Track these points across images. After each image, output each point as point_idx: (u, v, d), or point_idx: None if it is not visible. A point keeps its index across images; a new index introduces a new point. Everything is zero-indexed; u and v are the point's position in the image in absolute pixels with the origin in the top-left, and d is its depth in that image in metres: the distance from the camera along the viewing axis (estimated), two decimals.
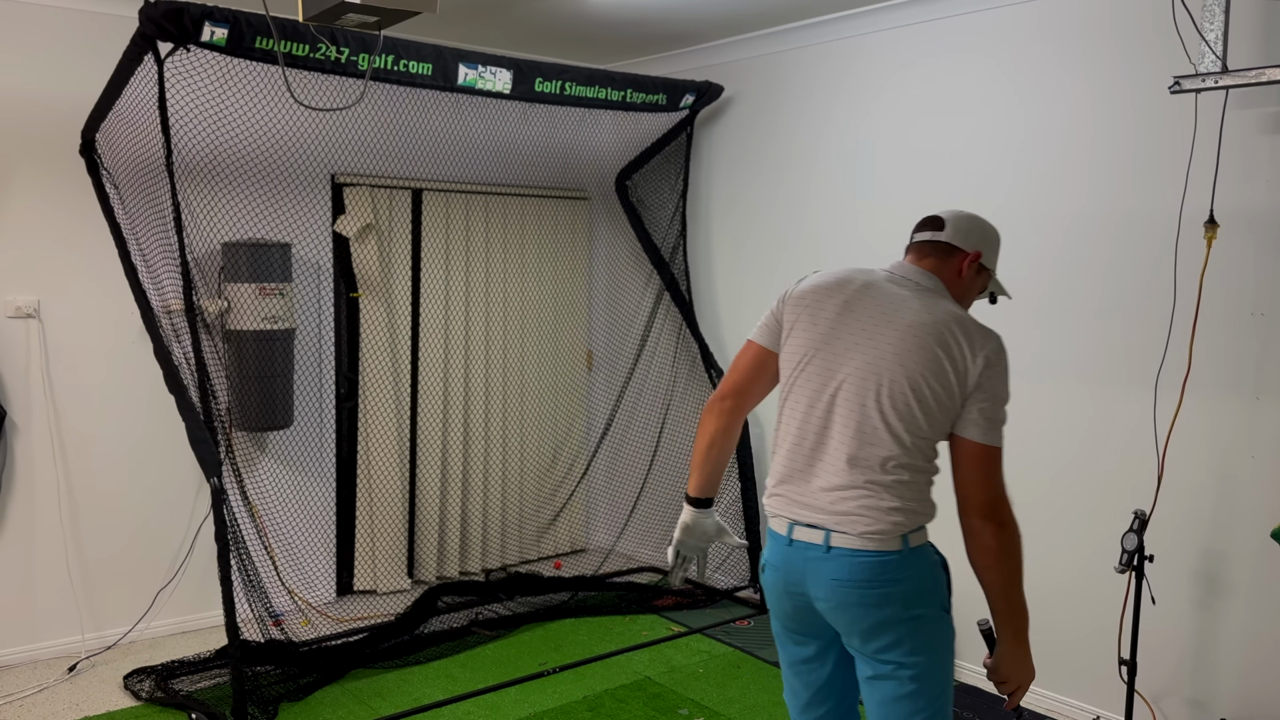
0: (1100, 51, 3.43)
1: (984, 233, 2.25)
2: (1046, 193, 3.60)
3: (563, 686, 3.79)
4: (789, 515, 2.13)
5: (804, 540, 2.09)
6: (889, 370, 2.05)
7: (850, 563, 2.03)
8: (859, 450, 2.05)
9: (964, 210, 2.28)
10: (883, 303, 2.12)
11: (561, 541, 5.45)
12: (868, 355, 2.08)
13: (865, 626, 2.04)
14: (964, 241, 2.22)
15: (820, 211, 4.40)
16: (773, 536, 2.19)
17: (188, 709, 3.47)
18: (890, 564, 2.02)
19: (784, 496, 2.16)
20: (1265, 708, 3.11)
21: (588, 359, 5.53)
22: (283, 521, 4.41)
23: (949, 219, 2.24)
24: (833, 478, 2.07)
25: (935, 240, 2.22)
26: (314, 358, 4.52)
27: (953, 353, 2.04)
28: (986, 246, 2.24)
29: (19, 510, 3.91)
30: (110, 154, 3.89)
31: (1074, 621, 3.54)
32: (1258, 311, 3.09)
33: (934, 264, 2.21)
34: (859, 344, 2.09)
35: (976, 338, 2.06)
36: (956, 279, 2.21)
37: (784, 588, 2.15)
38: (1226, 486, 3.17)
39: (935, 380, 2.03)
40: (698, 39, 4.75)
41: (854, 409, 2.07)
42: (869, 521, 2.03)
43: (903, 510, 2.04)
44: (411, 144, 4.59)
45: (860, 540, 2.03)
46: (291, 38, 3.41)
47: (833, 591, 2.05)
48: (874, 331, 2.09)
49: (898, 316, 2.09)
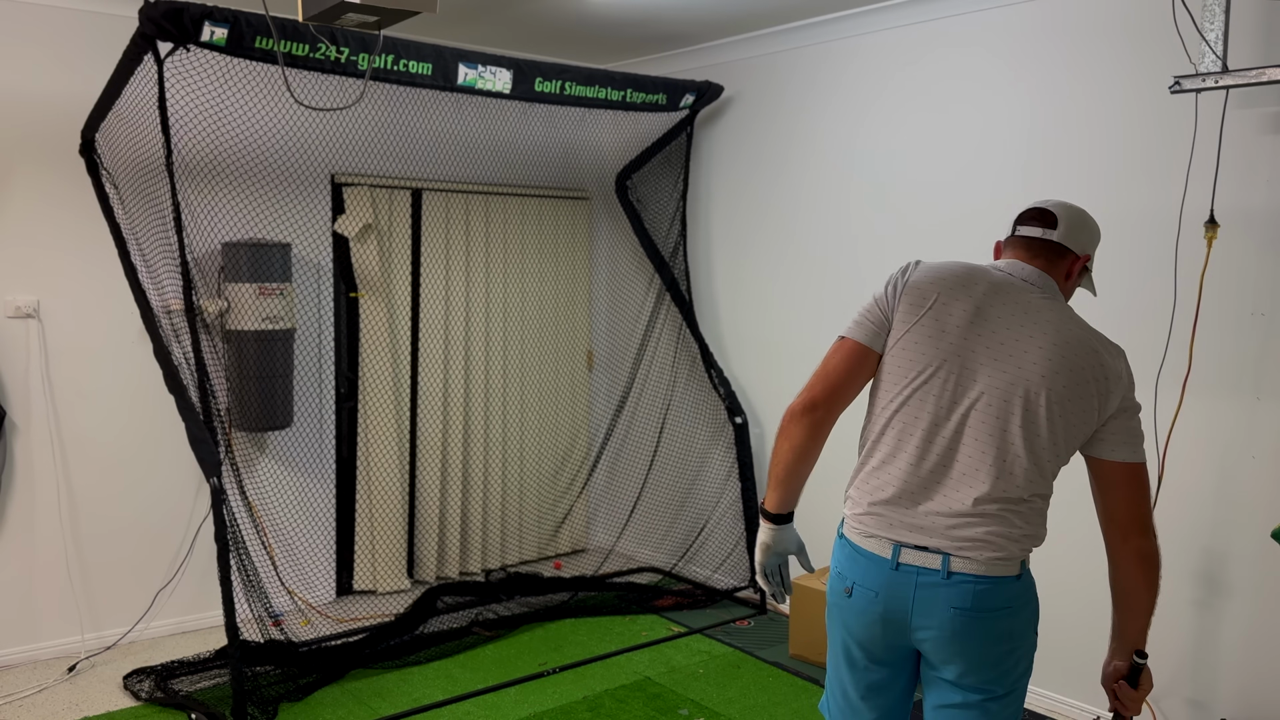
0: (1100, 51, 3.43)
1: (1092, 233, 2.08)
2: (1046, 193, 3.59)
3: (563, 686, 3.79)
4: (892, 536, 1.97)
5: (915, 564, 1.94)
6: (1035, 391, 1.91)
7: (974, 590, 1.90)
8: (996, 478, 1.91)
9: (1071, 204, 2.09)
10: (1019, 312, 1.95)
11: (561, 542, 5.45)
12: (1009, 373, 1.92)
13: (976, 656, 1.93)
14: (1075, 244, 2.04)
15: (820, 211, 4.40)
16: (864, 556, 2.01)
17: (188, 709, 3.47)
18: (1013, 592, 1.93)
19: (884, 516, 1.99)
20: (1265, 708, 3.11)
21: (588, 359, 5.53)
22: (283, 521, 4.41)
23: (1061, 216, 2.04)
24: (957, 503, 1.93)
25: (1047, 239, 2.04)
26: (314, 358, 4.52)
27: (1096, 373, 1.92)
28: (1094, 248, 2.09)
29: (19, 510, 3.91)
30: (110, 154, 3.89)
31: (1074, 621, 3.54)
32: (1258, 311, 3.09)
33: (1045, 264, 2.03)
34: (998, 359, 1.93)
35: (1113, 353, 1.95)
36: (1064, 282, 2.05)
37: (881, 613, 1.98)
38: (1226, 486, 3.17)
39: (1081, 402, 1.91)
40: (698, 39, 4.75)
41: (992, 432, 1.92)
42: (996, 549, 1.91)
43: (1030, 537, 1.95)
44: (411, 144, 4.59)
45: (984, 567, 1.90)
46: (291, 38, 3.41)
47: (951, 620, 1.91)
48: (1015, 346, 1.93)
49: (1039, 330, 1.93)
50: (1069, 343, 1.92)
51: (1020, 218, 2.10)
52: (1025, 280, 2.00)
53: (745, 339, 4.79)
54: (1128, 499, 1.95)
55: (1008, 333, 1.93)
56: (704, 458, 4.98)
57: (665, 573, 5.09)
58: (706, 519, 4.96)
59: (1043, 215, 2.06)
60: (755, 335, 4.73)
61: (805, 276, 4.47)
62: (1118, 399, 1.93)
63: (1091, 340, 1.95)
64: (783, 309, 4.58)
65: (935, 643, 1.95)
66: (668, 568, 5.11)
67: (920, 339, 1.97)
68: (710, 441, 4.94)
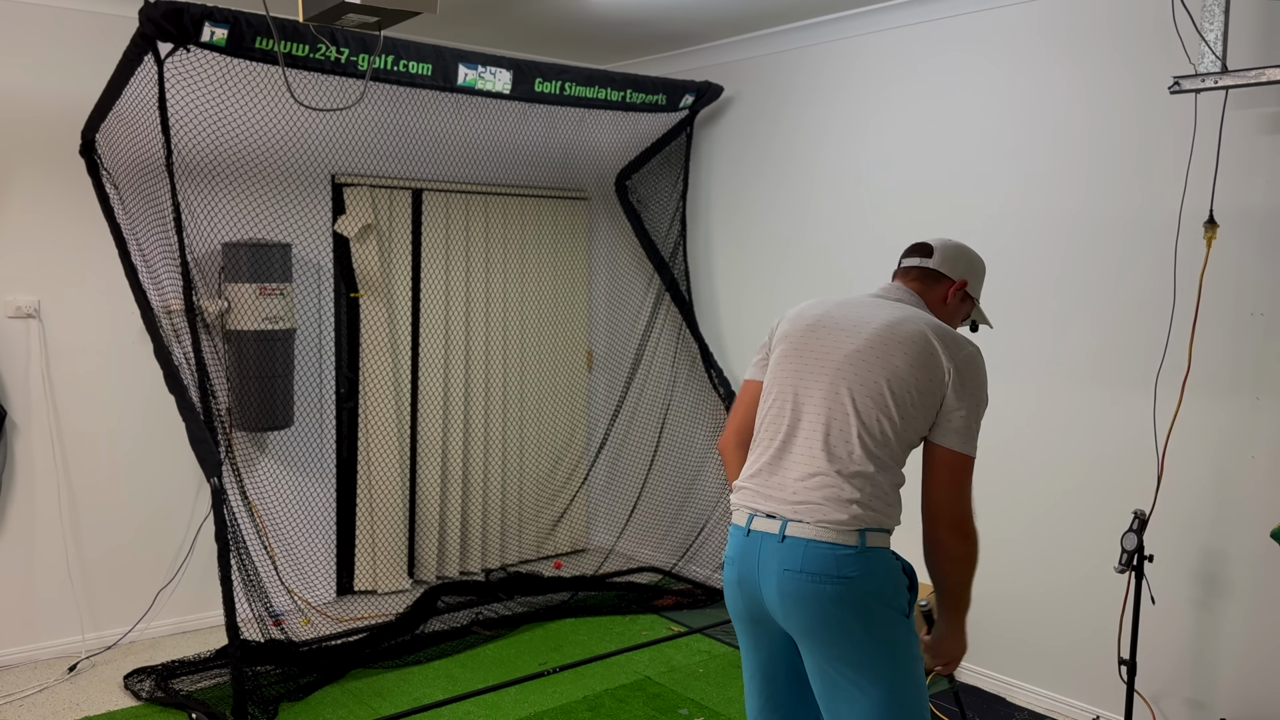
0: (1101, 52, 3.43)
1: (970, 262, 2.29)
2: (1046, 192, 3.60)
3: (563, 686, 3.79)
4: (750, 506, 2.12)
5: (761, 530, 2.07)
6: (863, 366, 2.06)
7: (803, 552, 1.99)
8: (826, 442, 2.05)
9: (952, 239, 2.32)
10: (859, 309, 2.17)
11: (561, 541, 5.45)
12: (843, 351, 2.10)
13: (817, 626, 1.99)
14: (951, 270, 2.26)
15: (820, 211, 4.40)
16: (733, 529, 2.17)
17: (188, 709, 3.47)
18: (845, 558, 1.97)
19: (749, 489, 2.15)
20: (1265, 708, 3.11)
21: (588, 359, 5.53)
22: (283, 521, 4.41)
23: (937, 246, 2.28)
24: (799, 469, 2.07)
25: (923, 266, 2.27)
26: (314, 358, 4.52)
27: (929, 359, 2.05)
28: (972, 275, 2.29)
29: (19, 510, 3.91)
30: (110, 154, 3.89)
31: (1074, 621, 3.55)
32: (1257, 311, 3.09)
33: (919, 288, 2.26)
34: (835, 343, 2.12)
35: (952, 345, 2.07)
36: (941, 305, 2.25)
37: (737, 579, 2.12)
38: (1226, 486, 3.17)
39: (910, 382, 2.04)
40: (698, 39, 4.75)
41: (824, 402, 2.08)
42: (826, 510, 2.00)
43: (862, 504, 2.00)
44: (411, 144, 4.59)
45: (815, 529, 2.00)
46: (291, 38, 3.41)
47: (781, 581, 2.00)
48: (850, 331, 2.12)
49: (874, 318, 2.12)
50: (898, 326, 2.08)
51: (904, 251, 2.33)
52: (879, 295, 2.23)
53: (745, 339, 4.80)
54: (945, 488, 2.07)
55: (845, 322, 2.14)
56: (704, 458, 4.98)
57: (665, 572, 5.09)
58: (706, 519, 4.97)
59: (921, 247, 2.30)
60: (755, 335, 4.73)
61: (805, 276, 4.47)
62: (951, 387, 2.05)
63: (929, 331, 2.08)
64: (783, 309, 4.57)
65: (777, 610, 2.04)
66: (668, 567, 5.11)
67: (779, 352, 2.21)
68: (710, 441, 4.94)
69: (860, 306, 2.18)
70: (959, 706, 2.98)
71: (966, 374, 2.06)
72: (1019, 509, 3.69)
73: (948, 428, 2.06)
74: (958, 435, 2.05)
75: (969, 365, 2.07)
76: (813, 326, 2.17)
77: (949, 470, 2.06)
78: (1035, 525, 3.66)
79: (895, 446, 2.05)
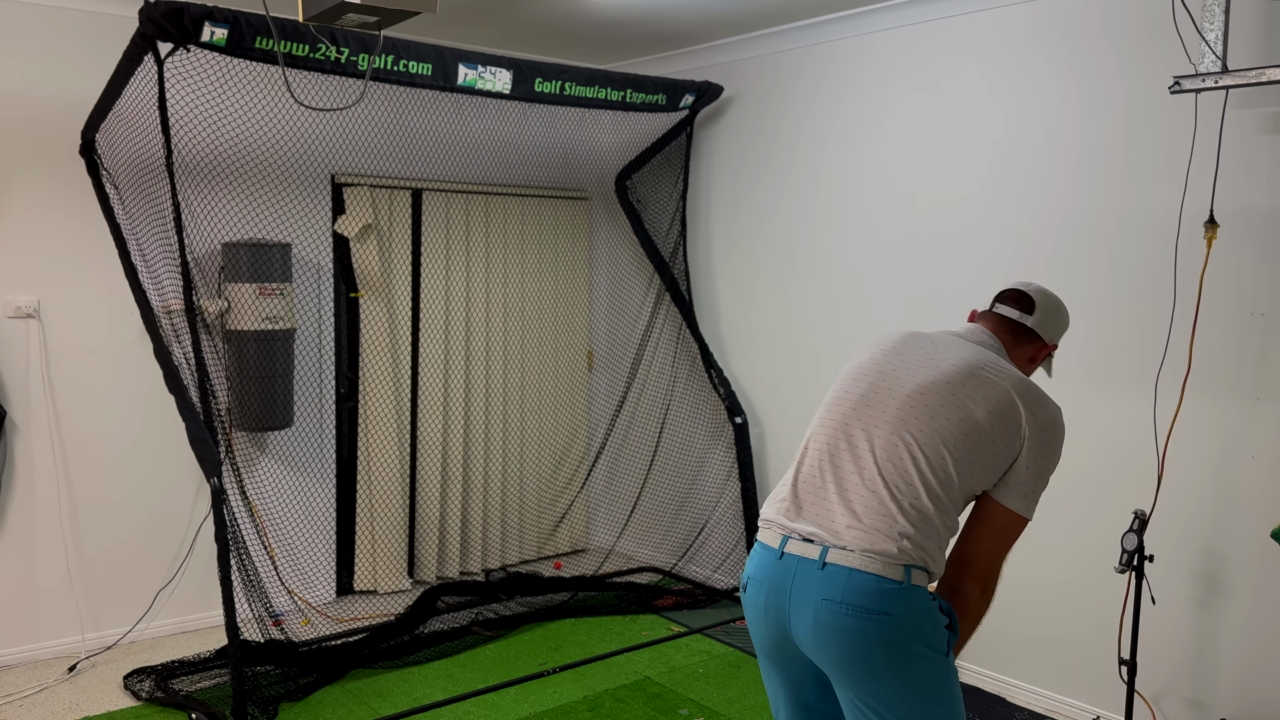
0: (1101, 52, 3.43)
1: (1063, 322, 2.19)
2: (1046, 192, 3.60)
3: (563, 686, 3.79)
4: (785, 525, 1.98)
5: (797, 554, 1.93)
6: (936, 403, 1.95)
7: (845, 582, 1.85)
8: (882, 471, 1.93)
9: (1049, 291, 2.20)
10: (938, 344, 2.06)
11: (561, 541, 5.45)
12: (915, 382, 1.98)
13: (850, 662, 1.86)
14: (1046, 332, 2.15)
15: (819, 211, 4.40)
16: (760, 548, 2.03)
17: (188, 709, 3.47)
18: (890, 593, 1.84)
19: (787, 505, 2.02)
20: (1265, 708, 3.11)
21: (588, 359, 5.53)
22: (283, 521, 4.41)
23: (1039, 303, 2.14)
24: (848, 494, 1.94)
25: (1021, 323, 2.14)
26: (314, 358, 4.52)
27: (1009, 416, 1.94)
28: (1061, 336, 2.19)
29: (19, 510, 3.91)
30: (110, 154, 3.89)
31: (1074, 621, 3.54)
32: (1258, 311, 3.09)
33: (1009, 341, 2.14)
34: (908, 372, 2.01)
35: (1035, 404, 1.97)
36: (1026, 364, 2.15)
37: (764, 603, 1.97)
38: (1226, 486, 3.17)
39: (987, 433, 1.93)
40: (698, 39, 4.75)
41: (889, 432, 1.96)
42: (875, 540, 1.87)
43: (913, 541, 1.88)
44: (411, 144, 4.59)
45: (861, 558, 1.86)
46: (291, 38, 3.41)
47: (818, 611, 1.87)
48: (926, 364, 2.01)
49: (953, 356, 2.01)
50: (985, 381, 1.97)
51: (1000, 296, 2.19)
52: (962, 335, 2.11)
53: (745, 339, 4.80)
54: (988, 545, 1.99)
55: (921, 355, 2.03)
56: (704, 458, 4.98)
57: (665, 573, 5.09)
58: (706, 519, 4.96)
59: (1021, 299, 2.16)
60: (755, 335, 4.73)
61: (805, 276, 4.47)
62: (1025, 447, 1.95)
63: (1014, 389, 1.97)
64: (783, 309, 4.58)
65: (809, 641, 1.91)
66: (668, 568, 5.11)
67: (846, 372, 2.11)
68: (710, 441, 4.94)
69: (940, 342, 2.07)
70: None
71: (1045, 436, 1.96)
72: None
73: (1013, 487, 1.96)
74: (1022, 497, 1.96)
75: (1049, 428, 1.97)
76: (888, 353, 2.07)
77: (1001, 529, 1.98)
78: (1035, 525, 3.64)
79: (957, 493, 1.93)
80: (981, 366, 1.99)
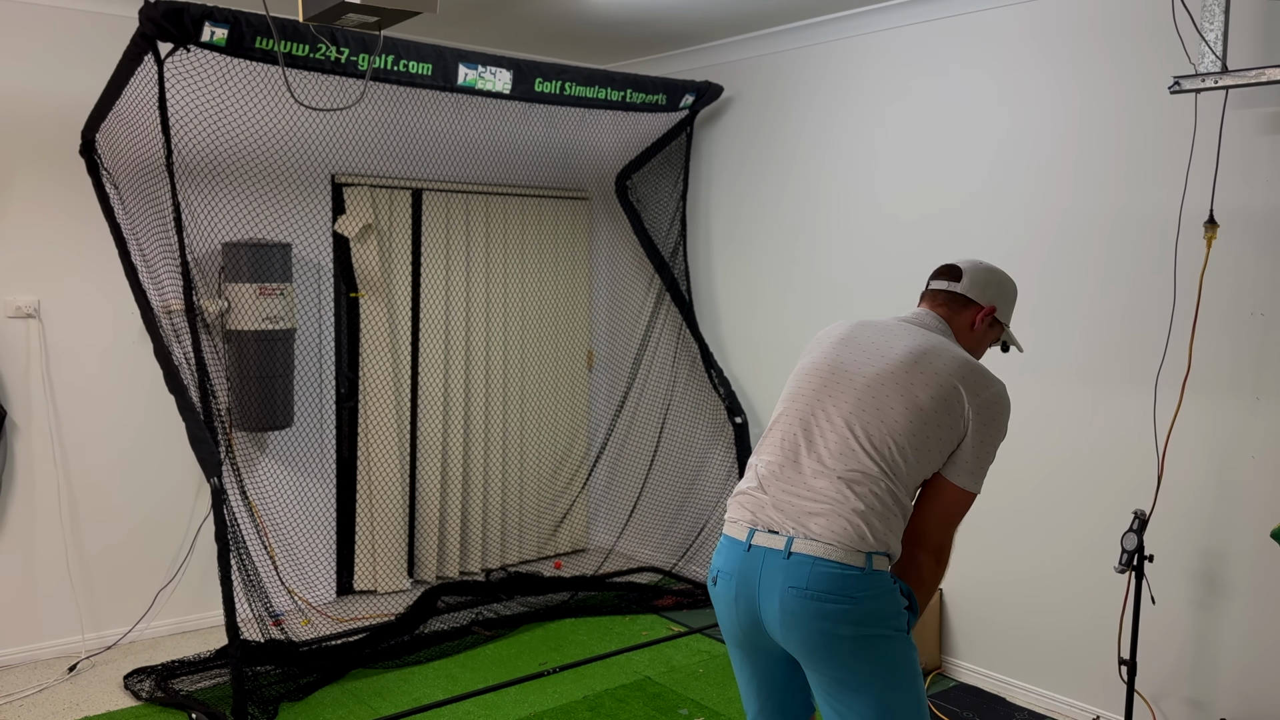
0: (1101, 52, 3.43)
1: (1000, 286, 2.25)
2: (1046, 192, 3.60)
3: (563, 686, 3.79)
4: (751, 519, 2.06)
5: (764, 546, 2.01)
6: (884, 393, 2.03)
7: (809, 570, 1.94)
8: (840, 462, 2.01)
9: (982, 261, 2.27)
10: (886, 333, 2.14)
11: (562, 541, 5.45)
12: (866, 375, 2.07)
13: (817, 645, 1.94)
14: (979, 295, 2.22)
15: (819, 210, 4.40)
16: (726, 541, 2.10)
17: (188, 709, 3.47)
18: (851, 579, 1.93)
19: (751, 497, 2.09)
20: (1265, 708, 3.11)
21: (588, 359, 5.53)
22: (283, 521, 4.41)
23: (967, 270, 2.23)
24: (809, 486, 2.02)
25: (951, 291, 2.23)
26: (314, 358, 4.52)
27: (951, 400, 2.02)
28: (1002, 300, 2.24)
29: (19, 510, 3.91)
30: (110, 154, 3.89)
31: (1074, 621, 3.55)
32: (1258, 311, 3.09)
33: (947, 313, 2.22)
34: (859, 365, 2.09)
35: (977, 385, 2.04)
36: (969, 331, 2.22)
37: (734, 596, 2.05)
38: (1226, 486, 3.17)
39: (931, 419, 2.01)
40: (698, 39, 4.75)
41: (843, 423, 2.04)
42: (836, 530, 1.95)
43: (872, 528, 1.96)
44: (411, 144, 4.59)
45: (823, 547, 1.94)
46: (291, 38, 3.41)
47: (783, 599, 1.95)
48: (875, 355, 2.09)
49: (900, 345, 2.09)
50: (929, 368, 2.04)
51: (932, 273, 2.30)
52: (908, 320, 2.20)
53: (745, 339, 4.80)
54: (939, 519, 2.08)
55: (869, 344, 2.13)
56: (704, 458, 4.98)
57: (665, 572, 5.09)
58: (706, 519, 4.97)
59: (950, 270, 2.25)
60: (755, 335, 4.74)
61: (804, 276, 4.47)
62: (970, 425, 2.03)
63: (956, 373, 2.04)
64: (782, 309, 4.58)
65: (777, 628, 1.99)
66: (668, 567, 5.11)
67: (801, 366, 2.20)
68: (710, 441, 4.94)
69: (888, 331, 2.14)
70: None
71: (987, 416, 2.03)
72: (1019, 509, 3.69)
73: (961, 465, 2.04)
74: (968, 473, 2.04)
75: (991, 407, 2.04)
76: (837, 345, 2.15)
77: (950, 505, 2.07)
78: (1035, 525, 3.66)
79: (907, 478, 2.02)
80: (925, 353, 2.07)
